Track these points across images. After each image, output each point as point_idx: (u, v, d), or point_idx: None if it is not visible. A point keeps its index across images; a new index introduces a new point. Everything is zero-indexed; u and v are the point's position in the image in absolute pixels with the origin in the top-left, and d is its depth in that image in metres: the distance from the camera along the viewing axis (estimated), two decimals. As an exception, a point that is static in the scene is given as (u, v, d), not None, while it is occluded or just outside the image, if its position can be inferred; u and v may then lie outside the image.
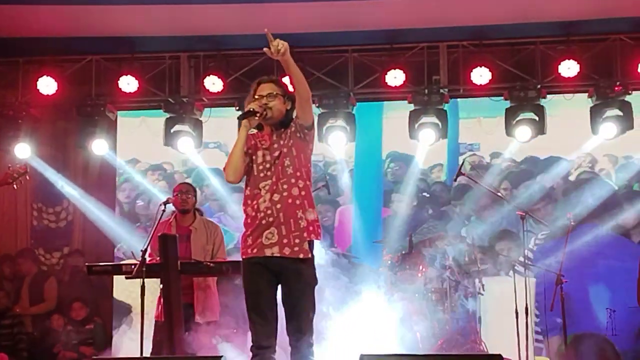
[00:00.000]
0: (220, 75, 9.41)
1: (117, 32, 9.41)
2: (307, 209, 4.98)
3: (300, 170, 5.00)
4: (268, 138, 5.08)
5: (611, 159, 10.13)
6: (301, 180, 4.99)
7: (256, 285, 4.97)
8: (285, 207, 4.92)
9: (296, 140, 5.03)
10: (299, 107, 4.98)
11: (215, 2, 8.83)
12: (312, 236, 4.98)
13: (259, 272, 4.95)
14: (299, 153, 5.03)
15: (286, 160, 4.98)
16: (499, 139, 10.02)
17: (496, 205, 9.83)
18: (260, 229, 4.94)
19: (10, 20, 9.08)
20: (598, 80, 9.25)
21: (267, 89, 5.08)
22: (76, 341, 9.62)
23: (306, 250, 4.93)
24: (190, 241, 7.40)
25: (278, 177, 4.96)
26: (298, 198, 4.96)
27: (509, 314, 8.23)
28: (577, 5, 8.90)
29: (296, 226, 4.93)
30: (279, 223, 4.91)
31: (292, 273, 4.92)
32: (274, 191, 4.94)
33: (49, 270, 10.39)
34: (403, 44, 9.53)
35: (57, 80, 9.51)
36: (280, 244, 4.91)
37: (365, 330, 8.20)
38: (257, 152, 5.05)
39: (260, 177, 5.00)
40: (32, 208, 10.54)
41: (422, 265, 8.98)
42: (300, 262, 4.92)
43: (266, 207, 4.93)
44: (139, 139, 10.65)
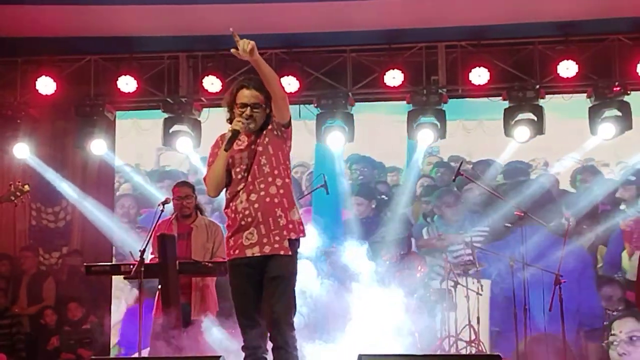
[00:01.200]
0: (218, 75, 9.41)
1: (116, 32, 9.41)
2: (286, 207, 4.92)
3: (278, 168, 4.95)
4: (246, 140, 5.01)
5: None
6: (279, 179, 4.94)
7: (241, 288, 4.96)
8: (263, 206, 4.87)
9: (272, 138, 4.97)
10: (275, 106, 4.90)
11: (213, 2, 8.83)
12: (293, 234, 4.92)
13: (243, 274, 4.93)
14: (276, 151, 4.97)
15: (262, 159, 4.93)
16: (457, 142, 10.21)
17: (458, 203, 10.09)
18: (240, 230, 4.91)
19: (9, 20, 9.08)
20: (597, 81, 9.25)
21: (251, 98, 4.94)
22: (73, 341, 9.62)
23: (286, 248, 4.88)
24: (190, 239, 7.39)
25: (254, 176, 4.92)
26: (276, 196, 4.90)
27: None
28: (576, 6, 8.90)
29: (275, 224, 4.88)
30: (258, 223, 4.87)
31: (272, 267, 4.87)
32: (250, 191, 4.90)
33: (48, 270, 10.38)
34: (401, 44, 9.52)
35: (56, 80, 9.51)
36: (260, 243, 4.88)
37: (364, 331, 8.20)
38: (234, 156, 4.98)
39: (238, 179, 4.95)
40: (30, 208, 10.53)
41: (420, 265, 9.00)
42: (279, 258, 4.87)
43: (244, 207, 4.89)
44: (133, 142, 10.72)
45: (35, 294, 10.12)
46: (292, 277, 4.94)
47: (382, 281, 8.73)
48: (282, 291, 4.86)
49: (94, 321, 9.79)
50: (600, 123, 9.24)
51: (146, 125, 10.52)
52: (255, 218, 4.87)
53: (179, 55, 9.77)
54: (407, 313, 8.50)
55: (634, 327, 8.46)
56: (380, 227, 9.71)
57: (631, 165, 10.01)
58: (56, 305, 9.98)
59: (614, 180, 10.06)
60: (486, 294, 8.88)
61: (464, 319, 8.78)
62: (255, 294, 4.94)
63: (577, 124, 9.65)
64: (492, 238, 9.75)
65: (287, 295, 4.89)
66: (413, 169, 10.28)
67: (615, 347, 8.41)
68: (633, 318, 8.72)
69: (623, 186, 10.03)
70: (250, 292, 4.94)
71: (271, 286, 4.87)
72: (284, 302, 4.86)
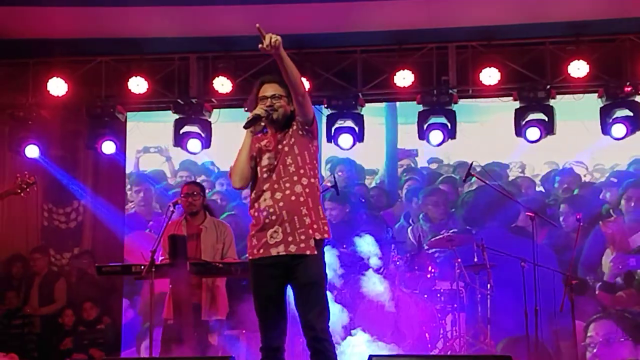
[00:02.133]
0: (229, 76, 9.42)
1: (127, 34, 9.44)
2: (311, 207, 4.86)
3: (304, 167, 4.90)
4: (272, 140, 5.00)
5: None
6: (305, 178, 4.89)
7: (263, 287, 4.89)
8: (288, 204, 4.82)
9: (298, 138, 4.94)
10: (297, 103, 4.89)
11: (224, 4, 8.85)
12: (318, 234, 4.85)
13: (266, 273, 4.86)
14: (302, 150, 4.93)
15: (288, 158, 4.89)
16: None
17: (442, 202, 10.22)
18: (264, 228, 4.85)
19: (20, 21, 9.12)
20: (608, 81, 9.22)
21: (270, 90, 5.00)
22: (87, 342, 9.65)
23: (312, 247, 4.80)
24: (200, 240, 7.42)
25: (279, 175, 4.87)
26: (301, 195, 4.84)
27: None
28: (587, 6, 8.88)
29: (301, 223, 4.81)
30: (283, 221, 4.81)
31: (299, 270, 4.80)
32: (275, 190, 4.85)
33: (59, 270, 10.41)
34: (412, 45, 9.51)
35: (67, 82, 9.54)
36: (285, 242, 4.80)
37: (374, 331, 8.21)
38: (261, 156, 4.97)
39: (264, 179, 4.92)
40: (42, 209, 10.57)
41: (431, 266, 8.99)
42: (306, 259, 4.80)
43: (268, 205, 4.84)
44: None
45: (47, 295, 10.14)
46: (322, 282, 4.87)
47: (393, 282, 8.74)
48: (314, 297, 4.80)
49: (108, 322, 9.83)
50: (612, 123, 9.21)
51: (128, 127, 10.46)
52: (280, 216, 4.82)
53: (189, 56, 9.77)
54: (417, 313, 8.52)
55: (610, 329, 8.45)
56: (357, 231, 9.56)
57: (609, 168, 10.16)
58: (69, 306, 10.00)
59: (595, 182, 10.20)
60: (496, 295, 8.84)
61: (475, 319, 8.76)
62: (277, 294, 4.88)
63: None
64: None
65: (320, 301, 4.82)
66: (392, 171, 10.37)
67: (591, 349, 8.39)
68: (609, 320, 8.71)
69: (606, 188, 10.11)
70: (272, 293, 4.88)
71: (303, 293, 4.81)
72: (318, 308, 4.79)
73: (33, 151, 9.72)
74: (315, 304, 4.79)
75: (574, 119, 9.89)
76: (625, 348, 8.09)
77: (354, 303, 8.65)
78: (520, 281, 8.14)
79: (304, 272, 4.79)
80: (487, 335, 8.56)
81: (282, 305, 4.92)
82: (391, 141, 10.52)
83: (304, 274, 4.79)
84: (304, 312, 4.79)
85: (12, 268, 10.27)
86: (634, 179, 9.90)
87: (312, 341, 4.77)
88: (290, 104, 4.98)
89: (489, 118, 10.35)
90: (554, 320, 8.45)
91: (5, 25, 9.17)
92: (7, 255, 10.41)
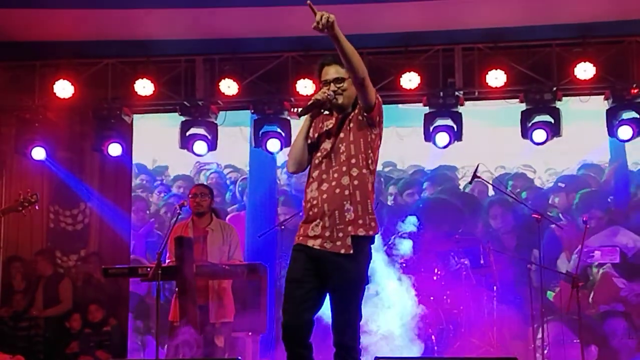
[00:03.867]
0: (235, 78, 9.42)
1: (133, 36, 9.46)
2: (358, 200, 4.56)
3: (357, 157, 4.58)
4: (331, 124, 4.73)
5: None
6: (355, 168, 4.58)
7: (295, 272, 4.63)
8: (332, 197, 4.55)
9: (356, 124, 4.63)
10: (357, 87, 4.58)
11: (230, 6, 8.86)
12: (361, 230, 4.55)
13: (302, 259, 4.62)
14: (358, 138, 4.61)
15: (342, 145, 4.61)
16: (391, 149, 10.31)
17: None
18: (308, 220, 4.64)
19: (26, 24, 9.14)
20: (614, 83, 9.21)
21: (332, 72, 4.70)
22: (93, 344, 9.65)
23: (348, 246, 4.51)
24: (206, 242, 7.43)
25: (330, 164, 4.61)
26: (348, 188, 4.55)
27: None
28: (593, 8, 8.87)
29: (342, 219, 4.54)
30: (323, 215, 4.56)
31: (333, 268, 4.55)
32: (322, 180, 4.61)
33: (65, 272, 10.42)
34: (418, 47, 9.51)
35: (74, 84, 9.55)
36: (322, 236, 4.57)
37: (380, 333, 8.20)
38: (320, 137, 4.72)
39: (315, 164, 4.68)
40: (48, 210, 10.57)
41: (437, 267, 8.98)
42: (341, 257, 4.53)
43: (312, 197, 4.62)
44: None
45: (52, 297, 10.14)
46: (358, 285, 4.60)
47: (398, 283, 8.73)
48: (347, 301, 4.56)
49: (114, 323, 9.83)
50: (618, 125, 9.20)
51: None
52: (321, 209, 4.57)
53: (195, 58, 9.78)
54: (423, 315, 8.50)
55: (560, 331, 8.49)
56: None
57: (560, 172, 10.27)
58: (76, 308, 10.00)
59: (545, 187, 10.30)
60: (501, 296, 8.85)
61: (480, 320, 8.75)
62: (308, 283, 4.59)
63: (505, 132, 9.94)
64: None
65: (352, 305, 4.56)
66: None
67: (542, 350, 8.42)
68: (560, 322, 8.74)
69: (554, 193, 10.19)
70: (303, 280, 4.60)
71: (336, 296, 4.58)
72: (349, 312, 4.56)
73: (39, 153, 9.73)
74: (348, 308, 4.56)
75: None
76: (575, 350, 8.10)
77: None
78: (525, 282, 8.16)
79: (338, 274, 4.54)
80: (494, 337, 8.55)
81: (312, 295, 4.59)
82: None
83: (338, 276, 4.55)
84: (336, 314, 4.57)
85: (10, 269, 10.26)
86: (586, 188, 10.08)
87: (338, 347, 4.55)
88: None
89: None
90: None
91: (12, 27, 9.20)
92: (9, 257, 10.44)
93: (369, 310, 7.86)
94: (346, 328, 4.56)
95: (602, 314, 9.44)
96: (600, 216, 9.79)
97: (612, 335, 9.21)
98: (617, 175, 10.09)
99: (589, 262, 9.41)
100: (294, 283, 4.62)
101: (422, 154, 10.40)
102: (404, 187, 10.59)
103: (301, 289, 4.59)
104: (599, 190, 10.15)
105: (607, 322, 9.31)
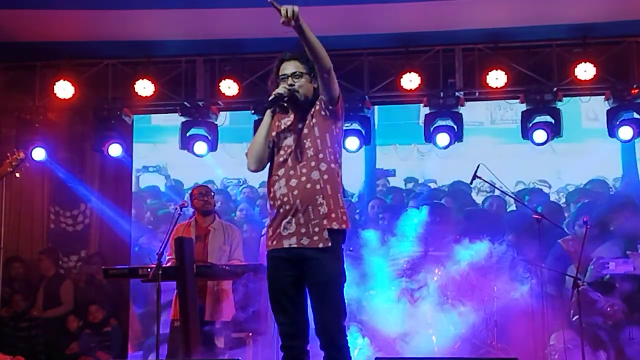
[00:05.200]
0: (235, 79, 9.43)
1: (134, 36, 9.45)
2: (329, 194, 4.56)
3: (324, 151, 4.59)
4: (291, 120, 4.71)
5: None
6: (324, 163, 4.58)
7: (277, 282, 4.60)
8: (303, 193, 4.53)
9: (320, 119, 4.63)
10: (321, 80, 4.56)
11: (230, 6, 8.85)
12: (335, 224, 4.54)
13: (281, 267, 4.57)
14: (323, 133, 4.62)
15: (307, 141, 4.60)
16: (413, 165, 10.82)
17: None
18: (278, 218, 4.59)
19: (27, 24, 9.13)
20: (614, 83, 9.21)
21: (290, 67, 4.72)
22: (94, 344, 9.65)
23: (326, 239, 4.50)
24: (207, 241, 7.44)
25: (296, 160, 4.58)
26: (318, 183, 4.54)
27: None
28: (593, 8, 8.86)
29: (315, 213, 4.52)
30: (297, 211, 4.53)
31: (313, 265, 4.51)
32: (290, 176, 4.57)
33: (66, 273, 10.42)
34: (418, 47, 9.51)
35: (74, 84, 9.56)
36: (297, 233, 4.53)
37: (380, 333, 8.20)
38: (280, 137, 4.69)
39: (280, 162, 4.64)
40: (49, 211, 10.58)
41: (437, 268, 8.97)
42: (320, 252, 4.51)
43: (282, 194, 4.56)
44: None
45: (53, 298, 10.15)
46: (339, 279, 4.57)
47: (399, 284, 8.73)
48: (330, 297, 4.52)
49: (114, 324, 9.82)
50: (619, 126, 9.20)
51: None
52: (293, 205, 4.53)
53: (196, 59, 9.79)
54: (423, 315, 8.50)
55: (570, 337, 8.48)
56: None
57: (572, 187, 10.48)
58: (76, 309, 10.00)
59: (559, 202, 10.43)
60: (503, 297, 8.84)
61: (482, 322, 8.74)
62: (291, 289, 4.58)
63: (522, 148, 9.97)
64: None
65: (336, 301, 4.54)
66: (371, 190, 10.69)
67: (553, 356, 8.41)
68: (570, 330, 8.73)
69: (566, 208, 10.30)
70: (286, 287, 4.58)
71: (318, 293, 4.54)
72: (333, 308, 4.53)
73: (40, 154, 9.72)
74: (331, 304, 4.52)
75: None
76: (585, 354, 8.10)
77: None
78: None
79: (317, 269, 4.51)
80: (494, 338, 8.54)
81: (299, 301, 4.60)
82: (370, 161, 10.78)
83: (317, 271, 4.51)
84: (318, 312, 4.53)
85: (10, 270, 10.26)
86: (588, 200, 10.10)
87: (326, 345, 4.53)
88: (313, 82, 4.69)
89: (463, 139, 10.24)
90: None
91: (13, 28, 9.19)
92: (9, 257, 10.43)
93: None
94: (333, 326, 4.53)
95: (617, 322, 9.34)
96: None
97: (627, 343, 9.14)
98: (629, 189, 10.23)
99: (603, 273, 9.34)
100: (282, 296, 4.60)
101: (441, 169, 10.62)
102: (423, 202, 10.45)
103: (291, 303, 4.59)
104: (603, 202, 10.13)
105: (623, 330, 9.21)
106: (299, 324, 4.61)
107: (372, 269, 8.59)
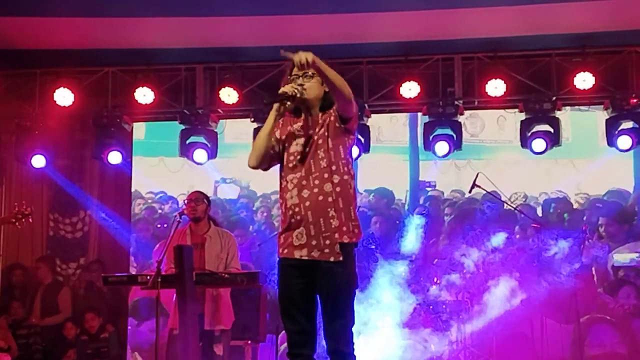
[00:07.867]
0: (235, 87, 9.44)
1: (134, 44, 9.47)
2: (341, 207, 4.49)
3: (337, 163, 4.51)
4: (304, 124, 4.64)
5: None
6: (337, 175, 4.50)
7: (287, 290, 4.57)
8: (315, 204, 4.47)
9: (334, 131, 4.55)
10: (342, 106, 4.51)
11: (230, 15, 8.87)
12: (346, 237, 4.49)
13: (291, 275, 4.55)
14: (337, 145, 4.54)
15: (320, 152, 4.52)
16: (450, 178, 12.04)
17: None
18: (290, 228, 4.54)
19: (27, 32, 9.16)
20: (613, 93, 9.23)
21: (302, 68, 4.56)
22: (90, 351, 9.63)
23: (337, 253, 4.45)
24: (204, 249, 7.42)
25: (309, 170, 4.51)
26: (331, 195, 4.47)
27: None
28: (592, 18, 8.88)
29: (327, 226, 4.46)
30: (308, 222, 4.47)
31: (324, 276, 4.48)
32: (303, 187, 4.50)
33: (65, 280, 10.41)
34: (418, 56, 9.52)
35: (74, 92, 9.57)
36: (308, 245, 4.48)
37: (378, 342, 8.19)
38: (291, 141, 4.61)
39: (290, 168, 4.58)
40: (48, 218, 10.58)
41: (436, 276, 8.98)
42: (331, 269, 4.47)
43: (294, 204, 4.51)
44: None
45: (51, 305, 10.14)
46: (349, 290, 4.54)
47: (397, 292, 8.72)
48: (340, 306, 4.50)
49: (111, 330, 9.81)
50: (617, 135, 9.22)
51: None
52: (305, 217, 4.48)
53: (195, 66, 9.79)
54: (422, 324, 8.50)
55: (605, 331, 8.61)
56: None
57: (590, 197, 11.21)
58: (74, 317, 9.99)
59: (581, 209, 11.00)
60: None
61: (480, 330, 8.74)
62: (302, 299, 4.55)
63: (545, 163, 11.41)
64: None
65: (346, 312, 4.51)
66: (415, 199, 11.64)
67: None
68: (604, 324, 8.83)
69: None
70: (296, 295, 4.55)
71: (328, 304, 4.51)
72: (343, 320, 4.50)
73: (39, 161, 9.73)
74: (340, 315, 4.50)
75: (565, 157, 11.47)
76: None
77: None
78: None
79: (328, 281, 4.48)
80: (493, 346, 8.54)
81: (308, 310, 4.57)
82: (414, 174, 11.79)
83: (328, 283, 4.48)
84: (327, 320, 4.51)
85: (11, 277, 10.26)
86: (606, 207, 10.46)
87: (333, 354, 4.52)
88: (324, 85, 4.58)
89: (494, 155, 12.03)
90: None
91: (13, 35, 9.21)
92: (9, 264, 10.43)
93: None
94: (340, 334, 4.51)
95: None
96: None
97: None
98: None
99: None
100: (291, 305, 4.58)
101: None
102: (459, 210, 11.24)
103: (301, 313, 4.56)
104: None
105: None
106: (307, 333, 4.58)
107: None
